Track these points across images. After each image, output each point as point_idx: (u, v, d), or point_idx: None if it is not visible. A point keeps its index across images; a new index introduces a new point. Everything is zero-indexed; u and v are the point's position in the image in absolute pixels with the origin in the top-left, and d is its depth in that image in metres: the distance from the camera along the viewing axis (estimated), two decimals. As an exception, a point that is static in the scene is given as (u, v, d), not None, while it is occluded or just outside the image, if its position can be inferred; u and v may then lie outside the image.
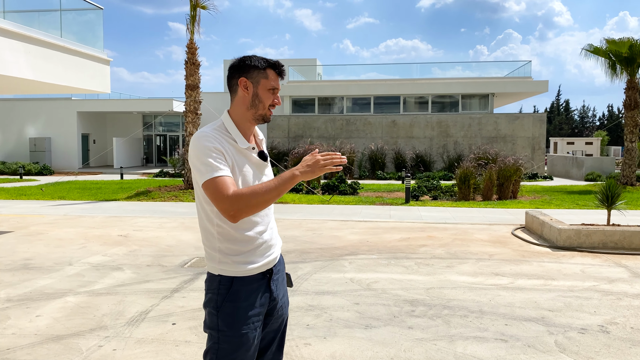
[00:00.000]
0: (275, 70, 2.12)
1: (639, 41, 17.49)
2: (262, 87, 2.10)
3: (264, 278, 2.14)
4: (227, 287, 2.08)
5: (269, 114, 2.14)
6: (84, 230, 9.25)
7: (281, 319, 2.28)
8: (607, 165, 22.52)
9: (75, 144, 28.93)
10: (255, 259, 2.10)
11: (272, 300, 2.18)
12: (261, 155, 2.15)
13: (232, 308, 2.06)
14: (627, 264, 6.71)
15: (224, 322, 2.06)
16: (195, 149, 2.00)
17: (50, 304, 5.07)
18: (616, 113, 66.14)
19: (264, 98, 2.11)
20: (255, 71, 2.10)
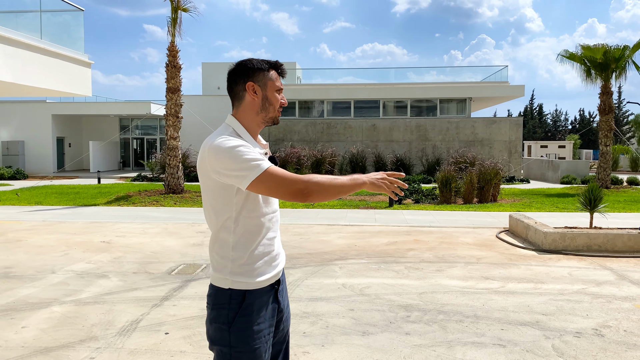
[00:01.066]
0: (277, 71, 2.10)
1: (613, 48, 17.92)
2: (270, 89, 2.07)
3: (272, 290, 2.09)
4: (238, 302, 2.00)
5: (278, 115, 2.12)
6: (65, 236, 9.02)
7: (285, 330, 2.24)
8: (582, 169, 22.97)
9: (50, 147, 28.29)
10: (266, 269, 2.05)
11: (280, 312, 2.14)
12: (272, 160, 2.10)
13: (244, 323, 1.99)
14: (612, 267, 6.82)
15: (237, 338, 1.99)
16: (223, 155, 1.89)
17: (36, 314, 4.91)
18: (587, 117, 67.64)
19: (274, 100, 2.08)
20: (261, 74, 2.06)
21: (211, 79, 34.53)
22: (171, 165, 15.32)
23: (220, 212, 2.00)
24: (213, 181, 1.97)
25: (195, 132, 27.02)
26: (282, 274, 2.24)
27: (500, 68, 29.34)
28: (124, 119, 31.92)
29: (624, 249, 7.62)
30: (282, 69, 2.11)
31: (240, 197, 1.98)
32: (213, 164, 1.93)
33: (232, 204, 1.99)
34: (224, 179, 1.94)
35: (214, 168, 1.93)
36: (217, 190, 1.98)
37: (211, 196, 2.00)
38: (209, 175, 1.97)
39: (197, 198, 14.70)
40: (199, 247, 8.08)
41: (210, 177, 1.97)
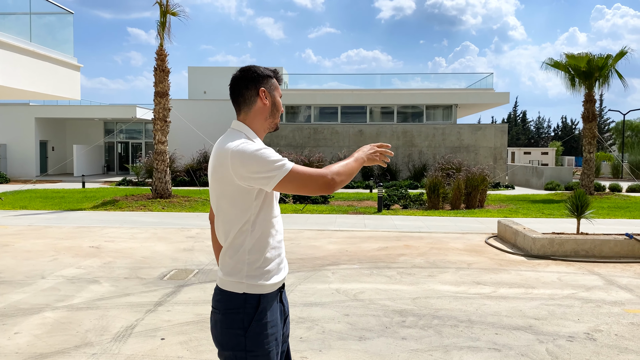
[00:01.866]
0: (279, 79, 2.19)
1: (596, 57, 18.26)
2: (277, 96, 2.17)
3: (278, 292, 2.15)
4: (254, 306, 2.01)
5: (278, 122, 2.23)
6: (53, 241, 8.91)
7: (287, 332, 2.28)
8: (565, 175, 23.31)
9: (32, 151, 27.93)
10: (278, 271, 2.10)
11: (283, 314, 2.19)
12: None
13: (260, 327, 2.02)
14: (600, 272, 6.94)
15: (253, 342, 2.00)
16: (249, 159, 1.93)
17: (28, 320, 4.85)
18: (570, 124, 68.69)
19: (280, 106, 2.18)
20: (269, 80, 2.14)
21: (197, 83, 34.39)
22: (159, 170, 15.22)
23: (239, 216, 2.01)
24: (236, 186, 1.98)
25: (181, 136, 26.88)
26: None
27: (485, 75, 29.70)
28: (108, 122, 31.65)
29: (610, 254, 7.75)
30: (280, 77, 2.20)
31: (259, 200, 2.02)
32: (238, 169, 1.94)
33: (252, 207, 2.01)
34: (250, 182, 1.96)
35: (240, 173, 1.95)
36: (238, 195, 1.99)
37: (230, 202, 2.01)
38: (232, 181, 1.97)
39: (185, 203, 14.62)
40: (189, 252, 8.04)
41: (233, 183, 1.97)
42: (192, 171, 22.61)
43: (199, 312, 5.11)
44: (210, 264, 7.23)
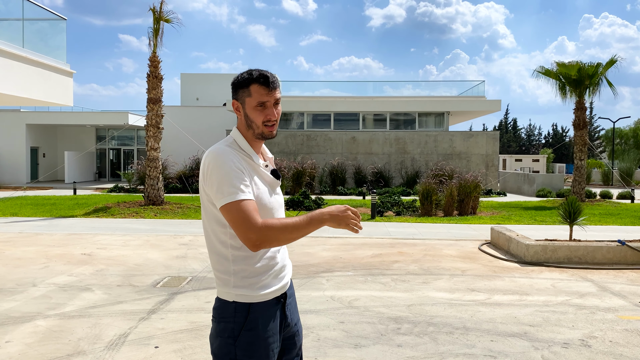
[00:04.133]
0: (260, 83, 1.96)
1: (587, 65, 18.43)
2: (249, 106, 1.99)
3: (278, 303, 2.06)
4: (244, 315, 1.98)
5: (266, 131, 2.01)
6: (44, 248, 8.82)
7: (297, 347, 2.20)
8: (557, 182, 23.45)
9: (23, 157, 27.71)
10: (271, 281, 2.02)
11: (287, 326, 2.12)
12: (274, 173, 2.09)
13: (250, 337, 1.98)
14: (593, 279, 6.97)
15: (243, 352, 1.98)
16: (217, 167, 1.90)
17: (20, 328, 4.79)
18: (560, 132, 69.23)
19: (254, 117, 1.98)
20: (240, 91, 2.00)
21: (190, 90, 34.35)
22: (151, 177, 15.15)
23: (216, 226, 1.98)
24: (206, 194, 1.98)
25: (173, 142, 26.79)
26: (292, 287, 2.21)
27: (477, 83, 29.90)
28: (100, 129, 31.50)
29: (603, 261, 7.79)
30: (266, 80, 1.97)
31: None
32: (208, 171, 1.94)
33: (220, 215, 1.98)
34: (208, 191, 1.94)
35: (207, 175, 1.94)
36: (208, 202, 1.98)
37: (209, 209, 1.98)
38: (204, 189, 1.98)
39: (177, 210, 14.55)
40: (182, 260, 7.99)
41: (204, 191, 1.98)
42: (185, 178, 22.53)
43: (193, 319, 5.07)
44: (203, 272, 7.18)
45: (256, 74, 1.97)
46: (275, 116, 2.00)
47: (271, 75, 1.99)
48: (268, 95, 1.97)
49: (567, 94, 19.35)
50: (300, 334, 2.21)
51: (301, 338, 2.23)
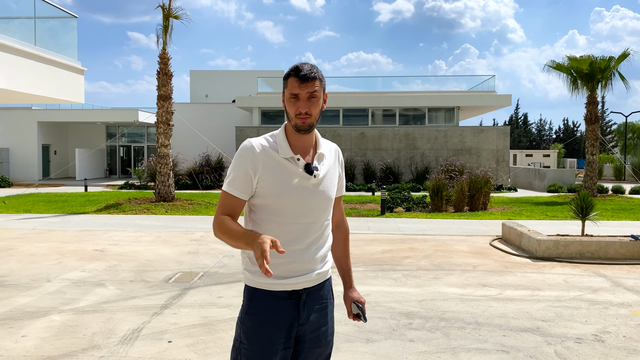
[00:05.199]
0: (294, 75, 2.00)
1: (599, 59, 18.24)
2: (286, 98, 2.05)
3: (290, 298, 2.04)
4: (248, 298, 2.06)
5: (299, 123, 2.02)
6: (57, 245, 8.91)
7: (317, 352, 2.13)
8: (568, 177, 23.27)
9: (35, 155, 27.95)
10: (281, 273, 2.01)
11: (301, 325, 2.06)
12: (307, 168, 2.06)
13: (252, 322, 2.02)
14: (606, 274, 6.92)
15: (245, 335, 2.04)
16: (234, 159, 2.08)
17: (35, 323, 4.85)
18: (571, 127, 68.67)
19: (288, 109, 2.04)
20: (284, 84, 2.08)
21: (199, 87, 34.46)
22: (162, 173, 15.23)
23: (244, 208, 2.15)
24: None
25: (183, 139, 26.91)
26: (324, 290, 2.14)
27: (487, 78, 29.70)
28: (110, 126, 31.68)
29: (616, 256, 7.73)
30: (297, 72, 2.00)
31: (253, 198, 2.08)
32: None
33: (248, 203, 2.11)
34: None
35: None
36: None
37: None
38: None
39: (188, 206, 14.62)
40: (194, 255, 8.04)
41: None
42: (195, 174, 22.62)
43: (206, 314, 5.11)
44: (215, 267, 7.22)
45: (294, 67, 2.03)
46: (305, 109, 2.00)
47: (309, 68, 2.01)
48: (299, 87, 2.00)
49: (578, 89, 19.18)
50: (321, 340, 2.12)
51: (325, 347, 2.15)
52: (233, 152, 26.15)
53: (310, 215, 2.06)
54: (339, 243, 2.38)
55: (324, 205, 2.10)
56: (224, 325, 4.78)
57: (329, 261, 2.18)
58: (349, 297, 2.30)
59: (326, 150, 2.17)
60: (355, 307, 2.26)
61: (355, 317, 2.27)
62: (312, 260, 2.07)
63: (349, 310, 2.29)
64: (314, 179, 2.07)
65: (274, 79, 30.64)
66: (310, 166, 2.06)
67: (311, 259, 2.06)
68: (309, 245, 2.06)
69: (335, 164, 2.20)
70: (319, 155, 2.12)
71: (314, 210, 2.07)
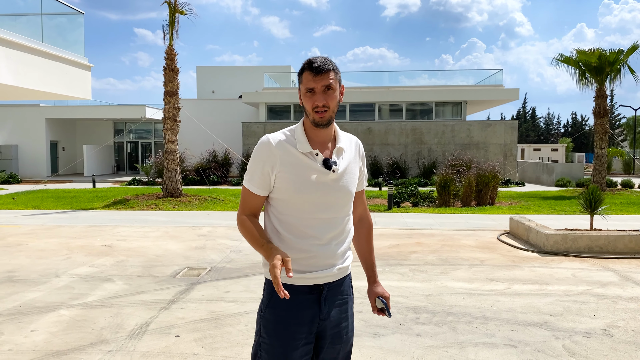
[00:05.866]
0: (308, 69, 1.98)
1: (607, 52, 18.08)
2: (302, 93, 2.03)
3: (311, 292, 2.03)
4: (269, 292, 2.05)
5: (316, 117, 1.99)
6: (65, 240, 8.97)
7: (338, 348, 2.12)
8: (576, 172, 23.12)
9: (43, 151, 28.13)
10: (301, 268, 2.01)
11: (323, 321, 2.05)
12: (325, 162, 2.03)
13: (272, 315, 2.02)
14: (615, 268, 6.88)
15: (265, 329, 2.03)
16: (252, 154, 2.09)
17: (44, 317, 4.88)
18: (580, 120, 68.16)
19: (304, 103, 2.02)
20: (299, 79, 2.05)
21: (206, 83, 34.51)
22: (169, 169, 15.28)
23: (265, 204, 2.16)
24: None
25: (190, 135, 26.97)
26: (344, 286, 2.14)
27: (494, 71, 29.52)
28: (118, 122, 31.81)
29: (625, 250, 7.68)
30: (310, 65, 1.97)
31: (272, 193, 2.08)
32: None
33: (269, 198, 2.11)
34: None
35: None
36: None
37: None
38: None
39: (195, 202, 14.67)
40: (201, 251, 8.06)
41: None
42: (202, 170, 22.68)
43: (213, 309, 5.12)
44: (222, 262, 7.24)
45: (308, 61, 2.00)
46: (322, 102, 1.97)
47: (322, 60, 1.98)
48: (314, 81, 1.97)
49: (587, 82, 19.03)
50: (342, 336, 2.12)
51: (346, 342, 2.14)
52: (240, 147, 26.20)
53: (330, 210, 2.05)
54: (362, 237, 2.34)
55: (344, 200, 2.08)
56: (231, 320, 4.80)
57: (350, 256, 2.16)
58: (373, 291, 2.26)
59: (346, 143, 2.13)
60: (379, 301, 2.24)
61: (380, 311, 2.26)
62: (333, 255, 2.06)
63: (373, 305, 2.27)
64: (332, 174, 2.04)
65: (280, 75, 30.62)
66: (328, 161, 2.03)
67: (332, 254, 2.05)
68: (329, 241, 2.05)
69: (356, 157, 2.17)
70: (337, 149, 2.09)
71: (334, 205, 2.05)
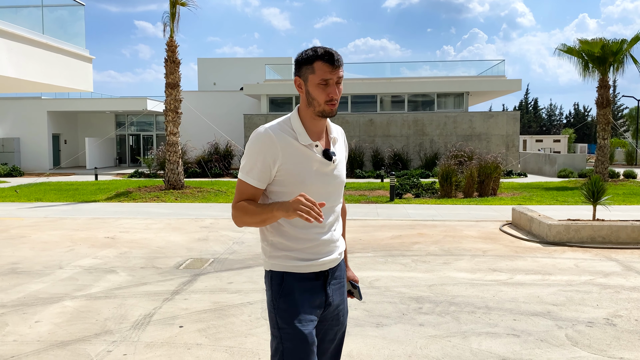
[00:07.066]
0: (324, 60, 1.96)
1: (610, 42, 17.98)
2: (311, 83, 1.99)
3: (317, 279, 2.07)
4: (278, 283, 2.06)
5: (327, 109, 1.99)
6: (68, 232, 8.99)
7: (336, 329, 2.19)
8: (579, 162, 23.08)
9: (45, 144, 28.15)
10: (307, 256, 2.05)
11: (328, 305, 2.11)
12: (325, 154, 2.05)
13: (286, 303, 2.03)
14: (618, 258, 6.87)
15: (282, 319, 2.03)
16: (247, 147, 2.04)
17: (48, 309, 4.90)
18: (582, 111, 67.94)
19: (316, 94, 1.98)
20: (304, 67, 2.00)
21: (207, 75, 34.42)
22: (171, 161, 15.28)
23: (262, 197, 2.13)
24: None
25: (192, 127, 26.95)
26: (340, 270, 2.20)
27: (496, 62, 29.39)
28: (119, 115, 31.79)
29: (628, 240, 7.67)
30: (331, 57, 1.96)
31: (270, 186, 2.06)
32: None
33: (267, 191, 2.08)
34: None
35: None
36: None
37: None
38: None
39: (197, 194, 14.68)
40: (204, 242, 8.08)
41: None
42: (204, 162, 22.68)
43: (216, 300, 5.14)
44: (225, 253, 7.26)
45: (321, 51, 1.98)
46: (337, 94, 2.00)
47: (336, 53, 1.99)
48: (332, 72, 1.97)
49: (590, 72, 18.94)
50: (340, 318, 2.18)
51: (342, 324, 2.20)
52: (241, 140, 26.17)
53: (329, 199, 2.10)
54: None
55: (340, 188, 2.16)
56: (235, 311, 4.81)
57: (342, 239, 2.23)
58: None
59: (337, 134, 2.19)
60: (349, 284, 2.36)
61: (350, 294, 2.36)
62: (332, 241, 2.12)
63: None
64: (332, 165, 2.08)
65: (281, 66, 30.52)
66: (328, 152, 2.06)
67: (332, 239, 2.12)
68: (329, 228, 2.11)
69: (343, 146, 2.22)
70: (332, 139, 2.12)
71: (332, 195, 2.11)
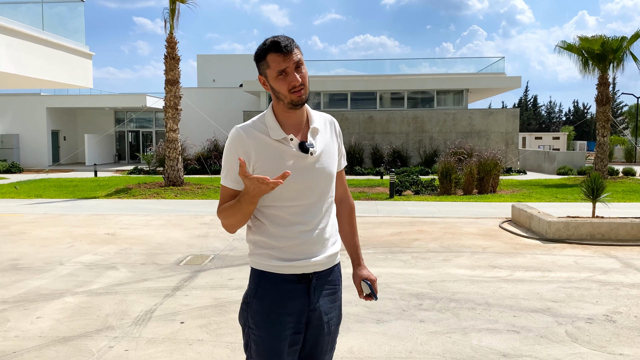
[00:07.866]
0: (273, 51, 1.88)
1: (610, 39, 17.98)
2: (271, 78, 1.91)
3: (300, 282, 1.97)
4: (256, 282, 1.97)
5: (295, 98, 1.90)
6: (68, 228, 9.00)
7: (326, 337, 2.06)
8: (578, 160, 23.09)
9: (44, 140, 28.11)
10: (289, 256, 1.94)
11: (311, 311, 1.99)
12: (302, 147, 1.94)
13: (260, 306, 1.95)
14: (617, 255, 6.90)
15: (252, 320, 1.97)
16: (224, 151, 2.01)
17: (49, 305, 4.92)
18: (581, 109, 67.96)
19: (278, 87, 1.90)
20: (260, 64, 1.93)
21: (206, 71, 34.37)
22: (171, 158, 15.28)
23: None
24: None
25: (191, 124, 26.92)
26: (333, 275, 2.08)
27: (496, 59, 29.39)
28: (119, 111, 31.75)
29: (627, 237, 7.69)
30: (277, 46, 1.87)
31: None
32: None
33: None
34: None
35: None
36: None
37: None
38: None
39: (197, 190, 14.69)
40: (204, 239, 8.09)
41: None
42: (203, 159, 22.67)
43: (217, 296, 5.15)
44: (225, 250, 7.27)
45: (268, 42, 1.89)
46: (299, 80, 1.89)
47: (284, 39, 1.90)
48: (285, 61, 1.88)
49: (589, 69, 18.94)
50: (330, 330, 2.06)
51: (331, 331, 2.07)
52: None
53: (313, 195, 1.98)
54: (344, 219, 2.26)
55: (326, 182, 2.01)
56: (235, 307, 4.82)
57: (338, 242, 2.09)
58: (358, 275, 2.20)
59: (320, 123, 2.05)
60: (366, 286, 2.17)
61: (367, 296, 2.19)
62: (320, 240, 1.99)
63: (359, 289, 2.19)
64: (311, 157, 1.96)
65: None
66: (304, 144, 1.95)
67: (319, 239, 1.99)
68: (315, 226, 1.98)
69: (333, 136, 2.08)
70: (312, 130, 2.00)
71: (316, 189, 1.98)
